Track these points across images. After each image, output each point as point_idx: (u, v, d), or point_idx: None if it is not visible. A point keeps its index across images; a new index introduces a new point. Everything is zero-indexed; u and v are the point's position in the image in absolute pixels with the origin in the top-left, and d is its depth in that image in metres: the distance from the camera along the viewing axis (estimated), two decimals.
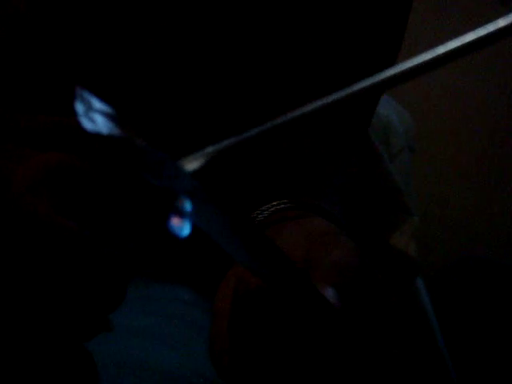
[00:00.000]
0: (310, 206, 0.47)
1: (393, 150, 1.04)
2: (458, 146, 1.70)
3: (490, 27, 0.27)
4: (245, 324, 0.35)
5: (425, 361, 0.87)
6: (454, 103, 1.69)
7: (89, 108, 0.26)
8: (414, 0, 0.58)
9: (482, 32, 0.27)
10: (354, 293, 0.36)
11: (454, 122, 1.70)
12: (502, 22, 0.27)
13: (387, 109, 1.05)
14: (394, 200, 0.86)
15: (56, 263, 0.27)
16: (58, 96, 0.49)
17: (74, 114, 0.24)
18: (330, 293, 0.35)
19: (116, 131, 0.26)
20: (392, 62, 0.57)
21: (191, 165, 0.29)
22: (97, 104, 0.26)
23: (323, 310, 0.33)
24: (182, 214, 0.28)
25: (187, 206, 0.27)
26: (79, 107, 0.26)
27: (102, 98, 0.26)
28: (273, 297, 0.34)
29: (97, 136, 0.26)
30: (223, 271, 0.44)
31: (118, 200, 0.52)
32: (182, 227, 0.28)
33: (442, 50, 0.28)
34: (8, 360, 0.26)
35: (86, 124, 0.26)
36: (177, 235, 0.28)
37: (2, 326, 0.26)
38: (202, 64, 0.51)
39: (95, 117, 0.26)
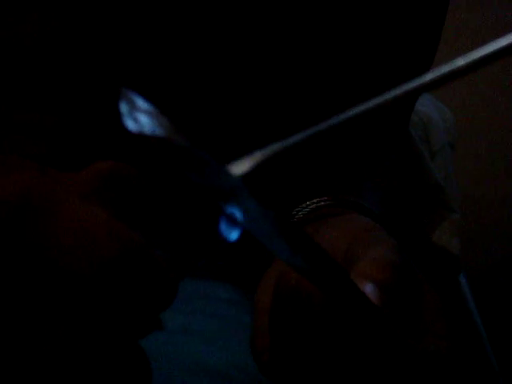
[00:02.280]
0: (350, 203, 0.47)
1: (434, 147, 1.04)
2: (501, 142, 1.68)
3: None
4: (285, 320, 0.35)
5: (469, 359, 0.86)
6: (497, 98, 1.67)
7: (133, 108, 0.26)
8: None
9: None
10: (394, 289, 0.36)
11: (496, 118, 1.69)
12: None
13: (428, 106, 1.04)
14: (435, 197, 0.86)
15: (121, 270, 0.27)
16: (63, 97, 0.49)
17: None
18: (369, 289, 0.35)
19: (159, 131, 0.26)
20: (430, 61, 0.57)
21: (238, 169, 0.30)
22: (141, 103, 0.26)
23: (362, 306, 0.33)
24: (231, 220, 0.28)
25: (237, 212, 0.28)
26: (123, 107, 0.26)
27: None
28: (313, 293, 0.34)
29: (140, 136, 0.26)
30: (264, 268, 0.44)
31: (167, 205, 0.53)
32: (232, 232, 0.29)
33: (477, 54, 0.28)
34: (74, 357, 0.27)
35: (129, 124, 0.26)
36: (226, 239, 0.29)
37: (67, 325, 0.27)
38: (213, 62, 0.51)
39: (139, 117, 0.26)
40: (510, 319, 1.48)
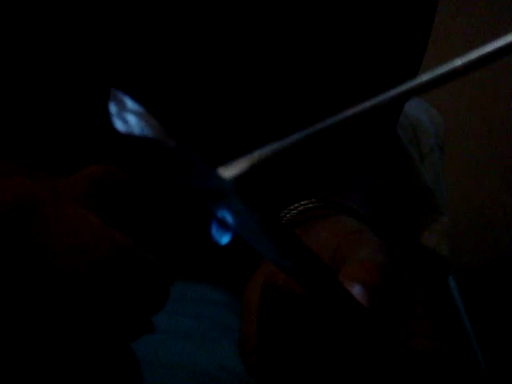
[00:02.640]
0: (338, 205, 0.47)
1: (423, 149, 1.04)
2: (490, 144, 1.69)
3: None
4: (273, 321, 0.35)
5: (457, 360, 0.87)
6: (486, 100, 1.68)
7: (122, 108, 0.26)
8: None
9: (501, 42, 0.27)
10: (381, 291, 0.36)
11: (485, 120, 1.69)
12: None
13: (416, 108, 1.05)
14: (423, 199, 0.86)
15: (113, 273, 0.27)
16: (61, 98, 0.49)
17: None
18: (356, 290, 0.35)
19: (148, 131, 0.26)
20: (419, 62, 0.57)
21: (230, 171, 0.30)
22: (130, 104, 0.26)
23: (350, 308, 0.34)
24: (223, 224, 0.28)
25: (228, 215, 0.28)
26: (112, 108, 0.26)
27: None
28: (301, 294, 0.34)
29: (129, 136, 0.26)
30: (253, 270, 0.44)
31: (159, 208, 0.53)
32: (223, 235, 0.29)
33: (474, 54, 0.28)
34: (65, 357, 0.27)
35: (118, 125, 0.26)
36: (217, 243, 0.29)
37: (61, 328, 0.27)
38: (210, 63, 0.51)
39: (128, 117, 0.26)
40: (499, 321, 1.48)
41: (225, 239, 0.29)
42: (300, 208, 0.47)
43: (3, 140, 0.49)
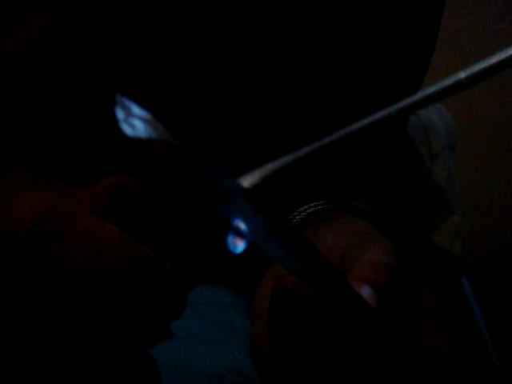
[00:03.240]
0: (347, 207, 0.47)
1: (434, 149, 1.04)
2: (502, 144, 1.68)
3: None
4: (283, 323, 0.35)
5: (471, 360, 0.86)
6: (497, 100, 1.67)
7: (128, 114, 0.26)
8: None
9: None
10: (390, 292, 0.36)
11: (497, 120, 1.69)
12: None
13: (428, 108, 1.05)
14: (435, 199, 0.86)
15: (134, 283, 0.28)
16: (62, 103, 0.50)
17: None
18: (365, 292, 0.35)
19: (155, 136, 0.26)
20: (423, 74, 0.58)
21: (246, 182, 0.31)
22: (136, 110, 0.27)
23: (359, 309, 0.34)
24: (239, 233, 0.29)
25: (244, 226, 0.29)
26: (119, 113, 0.26)
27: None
28: (310, 295, 0.34)
29: (137, 141, 0.26)
30: (262, 272, 0.44)
31: (175, 218, 0.53)
32: (239, 245, 0.30)
33: (478, 67, 0.29)
34: (87, 365, 0.28)
35: (126, 130, 0.26)
36: (233, 251, 0.30)
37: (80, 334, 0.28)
38: (215, 70, 0.51)
39: (135, 122, 0.26)
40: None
41: (240, 248, 0.30)
42: (309, 210, 0.47)
43: (23, 151, 0.50)
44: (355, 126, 0.31)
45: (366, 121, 0.31)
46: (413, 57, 0.56)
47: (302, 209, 0.47)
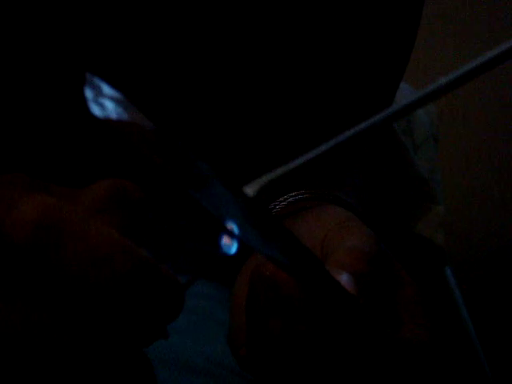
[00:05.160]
0: (328, 196, 0.47)
1: (417, 140, 1.04)
2: (484, 134, 1.69)
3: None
4: (261, 312, 0.35)
5: (454, 350, 0.86)
6: (480, 90, 1.67)
7: (98, 94, 0.26)
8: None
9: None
10: (370, 279, 0.36)
11: (479, 110, 1.69)
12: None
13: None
14: (418, 189, 0.86)
15: (133, 285, 0.28)
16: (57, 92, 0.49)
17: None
18: (344, 278, 0.35)
19: (125, 116, 0.26)
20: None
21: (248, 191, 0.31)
22: (106, 90, 0.26)
23: (338, 296, 0.33)
24: (231, 235, 0.29)
25: (236, 228, 0.29)
26: (88, 93, 0.26)
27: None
28: (288, 283, 0.34)
29: (106, 122, 0.26)
30: (242, 263, 0.44)
31: (170, 220, 0.53)
32: (231, 246, 0.30)
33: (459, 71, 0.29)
34: (84, 363, 0.28)
35: (95, 110, 0.26)
36: (225, 253, 0.30)
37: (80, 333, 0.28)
38: (210, 69, 0.51)
39: (104, 102, 0.26)
40: (496, 310, 1.48)
41: (233, 249, 0.30)
42: (289, 199, 0.47)
43: (12, 154, 0.50)
44: (343, 135, 0.32)
45: (352, 131, 0.32)
46: (389, 61, 0.56)
47: (281, 198, 0.47)
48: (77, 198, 0.31)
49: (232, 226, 0.29)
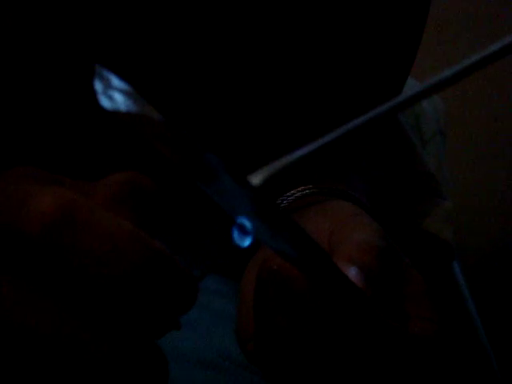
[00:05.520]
0: (335, 190, 0.47)
1: (425, 135, 1.04)
2: (492, 129, 1.68)
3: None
4: (268, 306, 0.35)
5: (462, 345, 0.86)
6: (487, 86, 1.67)
7: (107, 86, 0.26)
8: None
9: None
10: (377, 273, 0.36)
11: (487, 106, 1.69)
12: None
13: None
14: (425, 185, 0.86)
15: (148, 276, 0.28)
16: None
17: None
18: (352, 272, 0.35)
19: (134, 108, 0.26)
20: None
21: (255, 180, 0.31)
22: (115, 82, 0.26)
23: (345, 290, 0.33)
24: (243, 229, 0.30)
25: (247, 222, 0.29)
26: (98, 85, 0.26)
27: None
28: (296, 276, 0.34)
29: (115, 114, 0.26)
30: (250, 258, 0.44)
31: (183, 213, 0.53)
32: (244, 239, 0.30)
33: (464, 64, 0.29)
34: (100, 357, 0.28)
35: (104, 102, 0.26)
36: (239, 246, 0.30)
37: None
38: (212, 68, 0.51)
39: (114, 95, 0.26)
40: (504, 305, 1.48)
41: (246, 243, 0.30)
42: (296, 195, 0.47)
43: (22, 148, 0.50)
44: (348, 125, 0.32)
45: (358, 121, 0.32)
46: (396, 56, 0.56)
47: (289, 193, 0.47)
48: (91, 191, 0.31)
49: (243, 219, 0.29)
